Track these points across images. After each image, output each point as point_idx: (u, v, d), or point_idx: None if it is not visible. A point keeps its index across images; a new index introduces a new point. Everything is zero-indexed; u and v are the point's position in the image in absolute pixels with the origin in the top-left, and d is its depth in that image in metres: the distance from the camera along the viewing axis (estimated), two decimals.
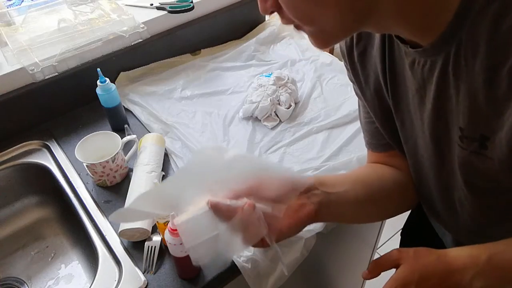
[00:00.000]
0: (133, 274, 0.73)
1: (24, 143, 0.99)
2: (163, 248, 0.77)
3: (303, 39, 1.30)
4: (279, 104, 1.02)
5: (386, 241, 1.82)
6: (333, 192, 0.65)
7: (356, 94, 0.70)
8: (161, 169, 0.89)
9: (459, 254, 0.55)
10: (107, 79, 0.94)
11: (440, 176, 0.61)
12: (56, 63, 0.98)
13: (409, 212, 0.96)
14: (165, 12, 1.14)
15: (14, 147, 0.98)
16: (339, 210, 0.66)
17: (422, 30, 0.48)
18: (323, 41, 0.52)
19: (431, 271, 0.54)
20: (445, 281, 0.54)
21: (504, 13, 0.42)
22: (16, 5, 1.14)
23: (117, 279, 0.73)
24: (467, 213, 0.61)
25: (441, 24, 0.46)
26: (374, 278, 0.59)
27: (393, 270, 0.57)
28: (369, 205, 0.69)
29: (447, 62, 0.49)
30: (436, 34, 0.47)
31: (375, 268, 0.58)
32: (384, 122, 0.67)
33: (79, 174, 0.91)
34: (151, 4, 1.16)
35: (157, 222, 0.73)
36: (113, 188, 0.89)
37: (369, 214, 0.72)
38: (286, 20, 0.50)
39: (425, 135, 0.59)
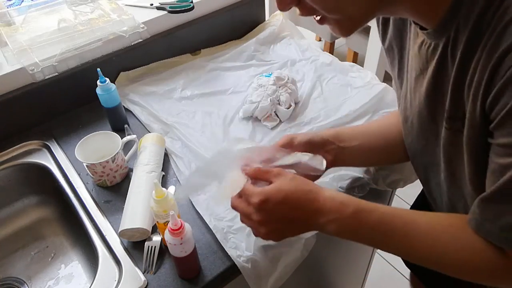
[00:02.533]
0: (133, 274, 0.73)
1: (24, 143, 0.99)
2: (163, 248, 0.77)
3: (303, 39, 1.30)
4: (279, 104, 1.02)
5: None
6: (348, 147, 0.73)
7: None
8: (161, 169, 0.89)
9: (332, 197, 0.59)
10: (107, 79, 0.94)
11: (432, 155, 0.65)
12: (56, 63, 0.98)
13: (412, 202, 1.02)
14: (165, 12, 1.14)
15: (14, 147, 0.98)
16: (352, 159, 0.76)
17: (427, 16, 0.53)
18: (347, 28, 0.54)
19: (296, 198, 0.59)
20: (304, 213, 0.59)
21: (490, 4, 0.46)
22: (16, 5, 1.14)
23: (117, 279, 0.73)
24: (446, 194, 0.66)
25: (442, 10, 0.51)
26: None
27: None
28: (379, 151, 0.78)
29: (447, 45, 0.53)
30: (439, 19, 0.52)
31: (255, 173, 0.63)
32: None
33: (79, 174, 0.91)
34: (151, 4, 1.16)
35: (157, 222, 0.73)
36: (113, 188, 0.89)
37: (379, 159, 0.81)
38: (306, 11, 0.53)
39: (423, 115, 0.63)
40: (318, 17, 0.54)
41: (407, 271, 1.26)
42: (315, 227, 0.61)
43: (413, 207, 1.01)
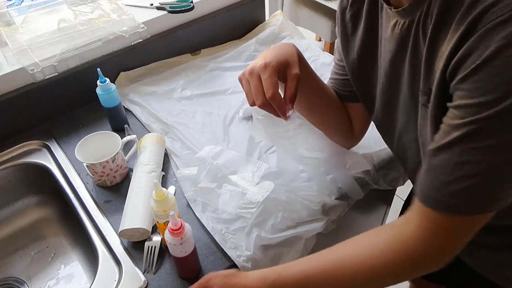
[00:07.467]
0: (133, 274, 0.73)
1: (24, 143, 0.99)
2: (163, 248, 0.77)
3: (303, 39, 1.30)
4: None
5: None
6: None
7: (338, 47, 0.78)
8: (161, 169, 0.89)
9: (255, 272, 0.62)
10: (107, 79, 0.94)
11: (413, 132, 0.65)
12: (56, 63, 0.98)
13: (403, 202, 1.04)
14: (165, 12, 1.14)
15: (14, 147, 0.98)
16: (311, 81, 0.78)
17: None
18: None
19: (226, 276, 0.62)
20: None
21: None
22: (16, 5, 1.14)
23: (117, 279, 0.73)
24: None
25: None
26: None
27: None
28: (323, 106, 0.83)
29: (419, 21, 0.54)
30: None
31: None
32: (356, 82, 0.76)
33: (79, 174, 0.91)
34: (151, 4, 1.16)
35: (157, 222, 0.73)
36: (113, 188, 0.89)
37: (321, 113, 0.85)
38: None
39: (404, 92, 0.63)
40: None
41: None
42: None
43: (407, 201, 1.03)
